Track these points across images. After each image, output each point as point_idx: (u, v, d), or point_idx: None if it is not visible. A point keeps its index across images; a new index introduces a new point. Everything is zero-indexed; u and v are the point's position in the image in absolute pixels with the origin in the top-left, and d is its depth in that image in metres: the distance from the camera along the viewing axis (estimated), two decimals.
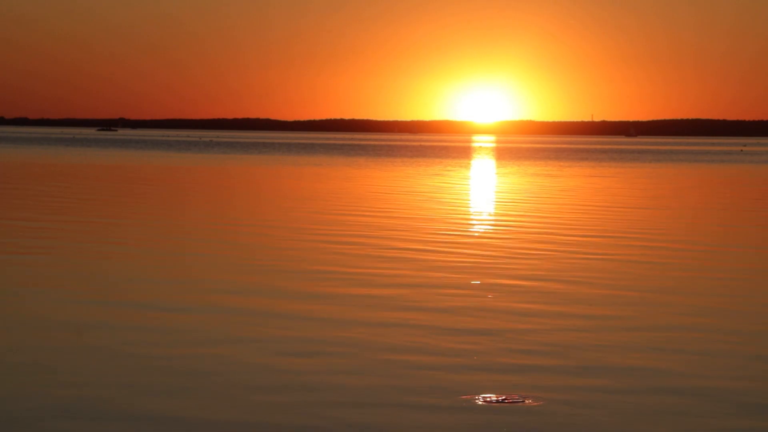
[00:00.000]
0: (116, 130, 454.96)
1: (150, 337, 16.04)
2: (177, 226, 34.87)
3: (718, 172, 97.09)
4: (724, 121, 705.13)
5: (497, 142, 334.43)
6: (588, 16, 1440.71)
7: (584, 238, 32.09)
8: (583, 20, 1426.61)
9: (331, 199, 49.31)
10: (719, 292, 21.88)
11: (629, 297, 20.71)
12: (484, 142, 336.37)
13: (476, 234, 33.54)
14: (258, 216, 39.44)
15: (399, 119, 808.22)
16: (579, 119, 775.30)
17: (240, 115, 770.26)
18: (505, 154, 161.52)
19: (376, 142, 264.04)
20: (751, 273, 25.14)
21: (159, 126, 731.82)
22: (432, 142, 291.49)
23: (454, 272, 23.83)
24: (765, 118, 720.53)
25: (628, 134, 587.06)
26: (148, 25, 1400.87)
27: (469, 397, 12.76)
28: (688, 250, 29.53)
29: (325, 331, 16.69)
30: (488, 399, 12.72)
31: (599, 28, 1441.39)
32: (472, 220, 39.24)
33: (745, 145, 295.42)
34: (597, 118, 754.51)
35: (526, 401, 12.62)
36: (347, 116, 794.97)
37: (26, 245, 28.18)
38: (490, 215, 41.69)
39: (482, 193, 58.22)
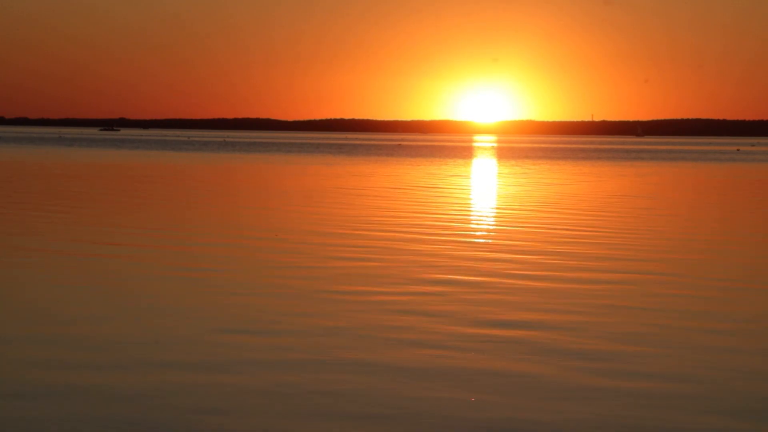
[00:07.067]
0: (118, 130, 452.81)
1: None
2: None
3: None
4: (724, 121, 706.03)
5: (503, 142, 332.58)
6: (588, 17, 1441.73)
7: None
8: (583, 21, 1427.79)
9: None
10: None
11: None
12: (488, 141, 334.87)
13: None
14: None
15: (400, 119, 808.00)
16: (579, 119, 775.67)
17: (241, 115, 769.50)
18: (530, 153, 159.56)
19: (380, 142, 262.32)
20: None
21: (161, 126, 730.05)
22: (439, 142, 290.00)
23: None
24: (765, 118, 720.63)
25: (636, 134, 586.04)
26: (152, 24, 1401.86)
27: None
28: None
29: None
30: None
31: (599, 29, 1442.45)
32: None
33: (753, 145, 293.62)
34: (597, 118, 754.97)
35: None
36: (348, 116, 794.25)
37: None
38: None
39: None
